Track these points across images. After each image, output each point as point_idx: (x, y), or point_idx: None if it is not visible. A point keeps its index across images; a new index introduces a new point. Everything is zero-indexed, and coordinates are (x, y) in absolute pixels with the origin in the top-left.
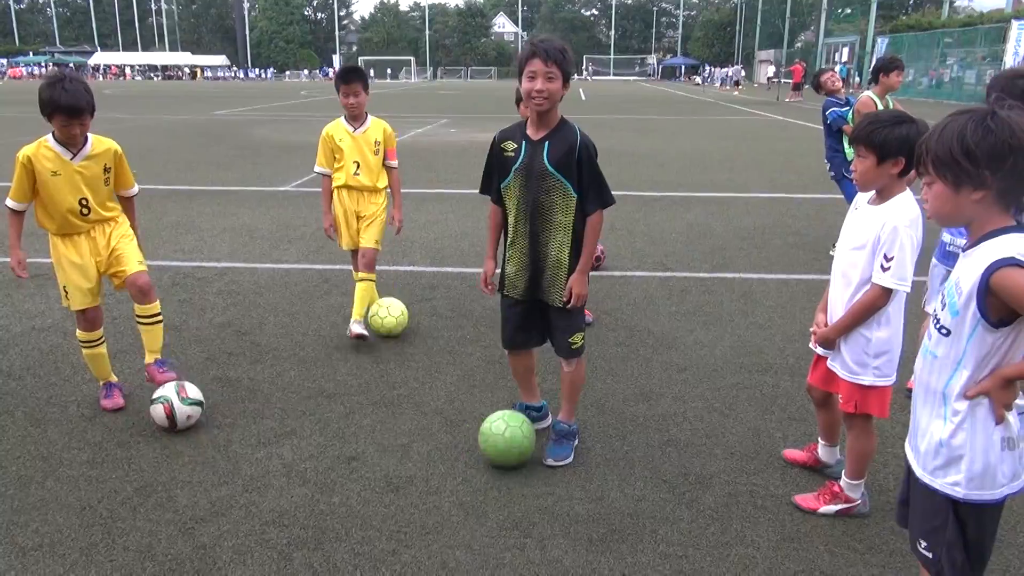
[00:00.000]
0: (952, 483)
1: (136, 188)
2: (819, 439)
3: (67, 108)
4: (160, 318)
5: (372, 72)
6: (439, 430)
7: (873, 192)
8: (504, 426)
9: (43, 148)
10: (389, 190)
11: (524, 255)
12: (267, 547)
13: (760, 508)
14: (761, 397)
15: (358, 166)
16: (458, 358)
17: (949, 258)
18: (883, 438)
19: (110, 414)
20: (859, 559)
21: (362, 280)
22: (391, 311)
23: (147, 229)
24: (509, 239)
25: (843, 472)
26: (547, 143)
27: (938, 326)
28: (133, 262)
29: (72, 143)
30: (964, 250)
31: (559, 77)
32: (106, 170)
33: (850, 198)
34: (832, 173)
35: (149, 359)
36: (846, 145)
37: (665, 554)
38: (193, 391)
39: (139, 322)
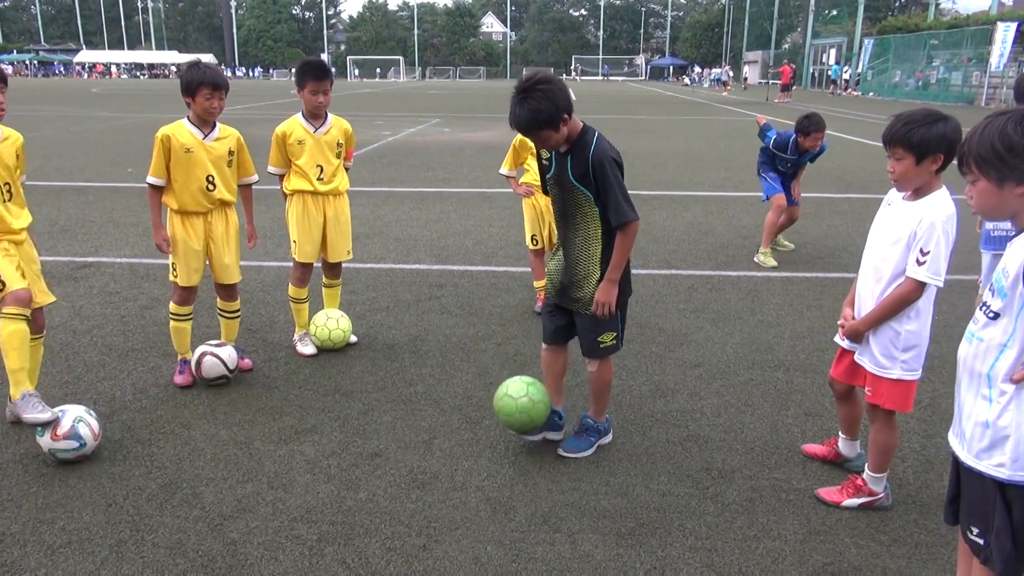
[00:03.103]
0: (997, 464)
1: (256, 176)
2: (839, 433)
3: (211, 82)
4: (239, 314)
5: (357, 71)
6: (460, 426)
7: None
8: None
9: (179, 128)
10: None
11: (560, 259)
12: (297, 542)
13: (784, 502)
14: (776, 393)
15: (322, 170)
16: (472, 355)
17: (992, 242)
18: (901, 432)
19: (128, 412)
20: (885, 551)
21: (333, 286)
22: (340, 323)
23: (149, 229)
24: (557, 240)
25: (866, 465)
26: (569, 157)
27: (986, 310)
28: (233, 273)
29: (210, 117)
30: (1011, 239)
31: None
32: (230, 153)
33: (766, 192)
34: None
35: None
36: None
37: (694, 547)
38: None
39: (222, 315)
